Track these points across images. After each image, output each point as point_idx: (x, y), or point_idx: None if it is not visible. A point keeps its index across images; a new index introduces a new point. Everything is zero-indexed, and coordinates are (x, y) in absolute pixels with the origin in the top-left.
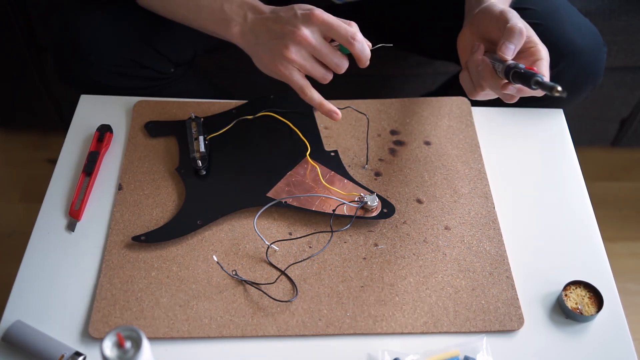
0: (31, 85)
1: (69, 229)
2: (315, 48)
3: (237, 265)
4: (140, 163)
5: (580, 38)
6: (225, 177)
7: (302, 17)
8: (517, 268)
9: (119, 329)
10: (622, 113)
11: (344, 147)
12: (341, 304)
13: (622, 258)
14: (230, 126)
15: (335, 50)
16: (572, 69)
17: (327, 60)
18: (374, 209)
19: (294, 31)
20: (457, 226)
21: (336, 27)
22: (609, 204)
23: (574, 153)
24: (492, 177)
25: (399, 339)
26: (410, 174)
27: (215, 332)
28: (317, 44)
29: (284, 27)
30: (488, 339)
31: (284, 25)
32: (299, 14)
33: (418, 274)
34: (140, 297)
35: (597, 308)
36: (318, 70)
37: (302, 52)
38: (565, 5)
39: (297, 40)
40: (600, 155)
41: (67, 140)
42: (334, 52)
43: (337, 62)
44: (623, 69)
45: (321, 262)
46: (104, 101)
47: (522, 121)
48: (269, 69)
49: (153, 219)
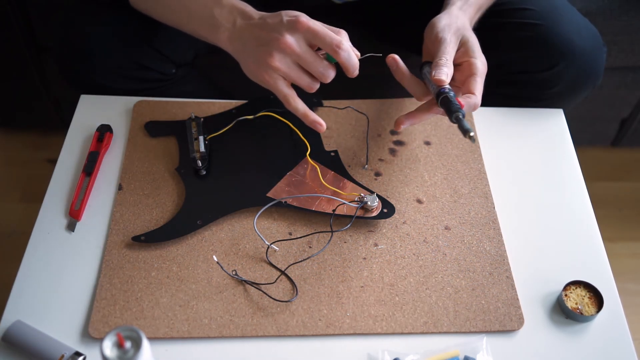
0: (31, 85)
1: (69, 229)
2: (300, 56)
3: (237, 265)
4: (140, 163)
5: (580, 38)
6: (225, 177)
7: (287, 23)
8: (517, 268)
9: (119, 329)
10: (622, 113)
11: (344, 147)
12: (341, 304)
13: (622, 258)
14: (230, 126)
15: (320, 58)
16: (571, 69)
17: (311, 68)
18: (374, 209)
19: (279, 38)
20: (457, 226)
21: (321, 35)
22: (609, 204)
23: (574, 153)
24: (492, 177)
25: (399, 339)
26: (410, 174)
27: (215, 332)
28: (301, 51)
29: (269, 34)
30: (488, 339)
31: (269, 32)
32: (285, 20)
33: (418, 274)
34: (140, 297)
35: (597, 308)
36: (303, 79)
37: (287, 60)
38: (565, 5)
39: (281, 48)
40: (600, 155)
41: (67, 140)
42: (319, 60)
43: (322, 70)
44: (623, 69)
45: (321, 262)
46: (104, 101)
47: (522, 121)
48: (255, 77)
49: (153, 219)
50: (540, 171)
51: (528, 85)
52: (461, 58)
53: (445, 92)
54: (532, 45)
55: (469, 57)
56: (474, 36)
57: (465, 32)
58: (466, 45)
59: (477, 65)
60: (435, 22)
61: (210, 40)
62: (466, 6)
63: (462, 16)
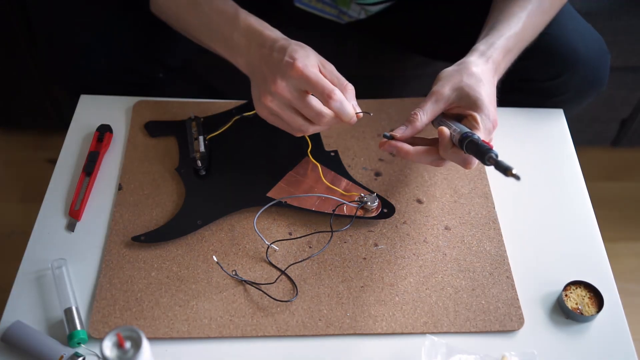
0: (31, 85)
1: (69, 229)
2: (291, 101)
3: (237, 265)
4: (140, 163)
5: (585, 47)
6: (225, 177)
7: (285, 65)
8: (517, 268)
9: (119, 329)
10: (622, 113)
11: (344, 147)
12: (341, 304)
13: (622, 258)
14: (230, 126)
15: (311, 106)
16: (576, 78)
17: (303, 113)
18: (374, 209)
19: (274, 80)
20: (457, 226)
21: (313, 83)
22: (609, 204)
23: (574, 153)
24: (492, 177)
25: (399, 339)
26: (410, 174)
27: (215, 332)
28: (292, 97)
29: (268, 71)
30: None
31: (269, 70)
32: (284, 61)
33: (418, 274)
34: (140, 297)
35: (597, 308)
36: (295, 122)
37: (279, 102)
38: (569, 12)
39: (273, 90)
40: (600, 155)
41: (67, 140)
42: (309, 108)
43: (313, 116)
44: (623, 69)
45: (321, 262)
46: (104, 101)
47: (522, 121)
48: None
49: (153, 219)
50: (540, 171)
51: (533, 93)
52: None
53: (469, 136)
54: (537, 55)
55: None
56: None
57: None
58: (470, 97)
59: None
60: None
61: (230, 61)
62: (490, 52)
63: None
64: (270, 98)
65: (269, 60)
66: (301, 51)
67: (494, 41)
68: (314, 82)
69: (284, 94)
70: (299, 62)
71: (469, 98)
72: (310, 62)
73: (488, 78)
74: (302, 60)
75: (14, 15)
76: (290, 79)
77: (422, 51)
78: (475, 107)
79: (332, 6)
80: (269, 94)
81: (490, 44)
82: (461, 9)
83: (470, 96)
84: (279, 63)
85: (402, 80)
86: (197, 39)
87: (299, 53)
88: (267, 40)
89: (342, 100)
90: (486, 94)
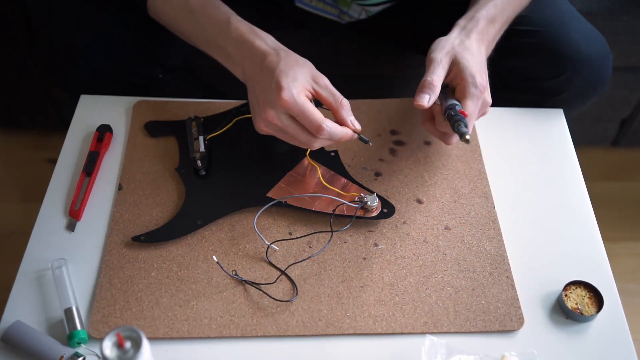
0: (31, 85)
1: (69, 229)
2: (282, 128)
3: (237, 265)
4: (140, 163)
5: (587, 47)
6: (225, 177)
7: (272, 93)
8: (517, 268)
9: (119, 329)
10: (622, 113)
11: (344, 147)
12: (341, 304)
13: (622, 258)
14: (230, 126)
15: (302, 129)
16: (578, 77)
17: (296, 138)
18: (374, 209)
19: (264, 109)
20: (457, 226)
21: (300, 118)
22: (609, 204)
23: (574, 153)
24: (492, 177)
25: (399, 339)
26: (410, 174)
27: (215, 332)
28: (283, 125)
29: (260, 95)
30: (488, 339)
31: (260, 93)
32: (272, 88)
33: (418, 274)
34: (140, 297)
35: (597, 308)
36: (293, 140)
37: (273, 128)
38: (571, 12)
39: (264, 117)
40: (600, 155)
41: (67, 140)
42: (300, 132)
43: (306, 141)
44: (623, 69)
45: (321, 262)
46: (104, 101)
47: (522, 121)
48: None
49: (153, 219)
50: (540, 171)
51: (534, 92)
52: (455, 79)
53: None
54: (538, 53)
55: (462, 79)
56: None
57: (459, 52)
58: (458, 65)
59: (467, 88)
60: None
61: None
62: (471, 24)
63: (462, 36)
64: (264, 124)
65: (260, 81)
66: (290, 73)
67: (473, 15)
68: (300, 117)
69: (275, 122)
70: (285, 93)
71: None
72: (297, 89)
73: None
74: (288, 90)
75: (14, 15)
76: (278, 109)
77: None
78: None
79: (332, 6)
80: (262, 120)
81: (469, 18)
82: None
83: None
84: (267, 89)
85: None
86: (195, 45)
87: (286, 78)
88: (257, 55)
89: (330, 132)
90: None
